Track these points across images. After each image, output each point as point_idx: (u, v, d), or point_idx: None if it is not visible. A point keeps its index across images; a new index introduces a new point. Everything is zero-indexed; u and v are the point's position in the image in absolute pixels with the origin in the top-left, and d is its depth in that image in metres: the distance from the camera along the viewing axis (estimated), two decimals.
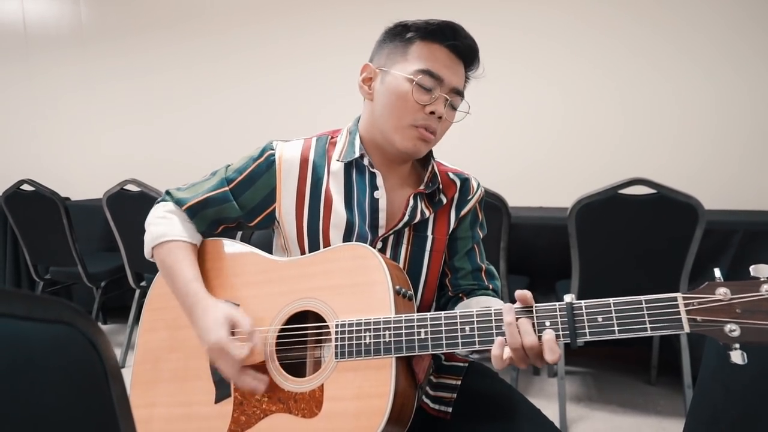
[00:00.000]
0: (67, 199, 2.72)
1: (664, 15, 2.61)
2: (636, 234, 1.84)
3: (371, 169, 0.93)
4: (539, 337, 0.72)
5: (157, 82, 3.74)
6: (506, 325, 0.74)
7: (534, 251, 2.23)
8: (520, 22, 2.85)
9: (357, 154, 0.93)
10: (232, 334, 0.83)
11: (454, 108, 0.91)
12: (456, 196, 1.00)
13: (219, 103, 3.58)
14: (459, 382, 0.94)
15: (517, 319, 0.74)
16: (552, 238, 2.12)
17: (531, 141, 2.90)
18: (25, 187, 2.61)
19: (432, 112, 0.87)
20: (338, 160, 0.95)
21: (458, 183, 1.00)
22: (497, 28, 2.88)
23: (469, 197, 1.01)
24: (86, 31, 3.92)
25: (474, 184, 1.02)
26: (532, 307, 0.74)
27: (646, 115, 2.68)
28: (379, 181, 0.93)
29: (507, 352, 0.73)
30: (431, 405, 0.92)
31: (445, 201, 0.98)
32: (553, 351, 0.71)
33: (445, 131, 0.93)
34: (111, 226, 2.48)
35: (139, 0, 3.74)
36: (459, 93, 0.90)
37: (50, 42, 4.03)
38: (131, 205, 2.42)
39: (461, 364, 0.97)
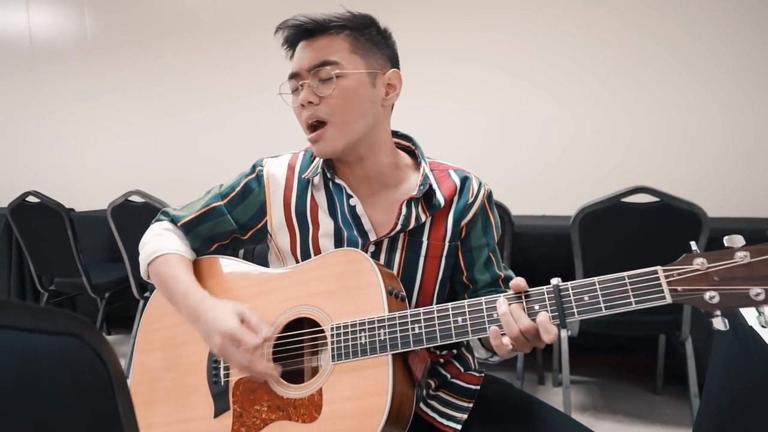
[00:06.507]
0: (72, 210, 2.73)
1: (666, 25, 2.62)
2: (639, 242, 1.84)
3: (335, 181, 0.94)
4: (534, 320, 0.75)
5: (162, 93, 3.77)
6: (501, 315, 0.76)
7: (537, 259, 2.23)
8: (522, 32, 2.87)
9: (318, 171, 0.95)
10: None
11: (323, 80, 0.86)
12: (455, 198, 0.96)
13: (224, 114, 3.60)
14: (471, 405, 0.94)
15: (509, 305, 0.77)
16: (555, 247, 2.11)
17: (534, 149, 2.90)
18: (31, 198, 2.63)
19: (302, 105, 0.88)
20: (303, 177, 0.97)
21: (458, 183, 0.96)
22: (500, 37, 2.90)
23: (471, 200, 0.96)
24: (91, 43, 3.96)
25: (474, 185, 0.97)
26: (521, 293, 0.77)
27: (648, 124, 2.69)
28: (348, 188, 0.94)
29: (507, 340, 0.76)
30: (438, 419, 0.91)
31: (443, 203, 0.94)
32: (548, 331, 0.74)
33: (339, 105, 0.87)
34: (115, 237, 2.49)
35: (144, 12, 3.78)
36: (316, 66, 0.86)
37: (55, 54, 4.08)
38: (135, 216, 2.43)
39: (473, 386, 0.96)
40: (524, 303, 0.76)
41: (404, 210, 0.91)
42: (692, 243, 0.72)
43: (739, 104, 2.53)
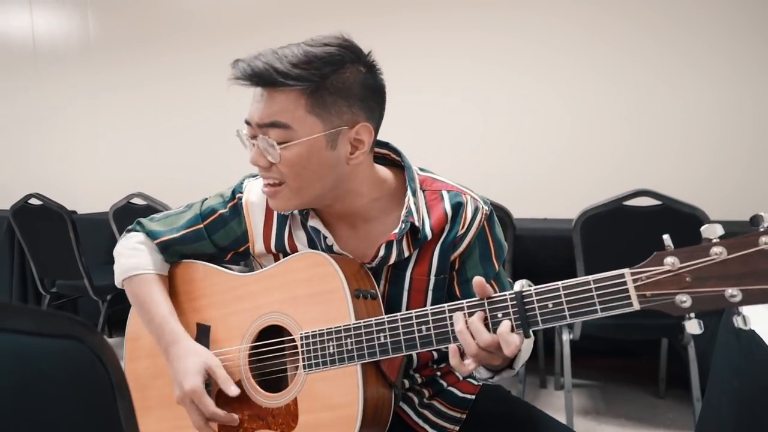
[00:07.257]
0: (74, 212, 2.73)
1: (668, 26, 2.62)
2: (641, 245, 1.82)
3: (308, 224, 0.88)
4: (495, 331, 0.69)
5: (165, 96, 3.78)
6: (458, 333, 0.71)
7: (539, 263, 2.22)
8: (524, 32, 2.87)
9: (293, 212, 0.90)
10: (207, 384, 0.84)
11: (271, 144, 0.77)
12: (446, 228, 0.86)
13: (227, 114, 3.58)
14: (464, 416, 0.93)
15: (469, 315, 0.71)
16: (557, 250, 2.11)
17: (535, 152, 2.90)
18: (33, 201, 2.64)
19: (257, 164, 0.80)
20: (281, 214, 0.91)
21: (449, 212, 0.86)
22: (502, 38, 2.90)
23: (462, 232, 0.86)
24: (94, 45, 3.98)
25: (468, 213, 0.86)
26: (484, 300, 0.72)
27: (650, 126, 2.68)
28: (323, 229, 0.87)
29: (468, 360, 0.71)
30: (429, 430, 0.91)
31: (430, 236, 0.85)
32: (508, 343, 0.68)
33: (288, 173, 0.78)
34: (117, 240, 2.49)
35: (147, 13, 3.80)
36: (266, 125, 0.77)
37: (58, 56, 4.09)
38: (137, 218, 2.43)
39: (469, 396, 0.95)
40: (487, 311, 0.71)
41: (383, 252, 0.84)
42: (665, 237, 0.64)
43: (741, 107, 2.53)
